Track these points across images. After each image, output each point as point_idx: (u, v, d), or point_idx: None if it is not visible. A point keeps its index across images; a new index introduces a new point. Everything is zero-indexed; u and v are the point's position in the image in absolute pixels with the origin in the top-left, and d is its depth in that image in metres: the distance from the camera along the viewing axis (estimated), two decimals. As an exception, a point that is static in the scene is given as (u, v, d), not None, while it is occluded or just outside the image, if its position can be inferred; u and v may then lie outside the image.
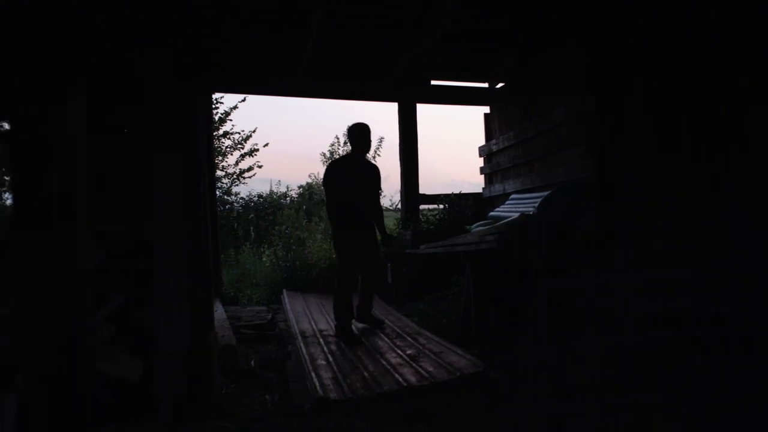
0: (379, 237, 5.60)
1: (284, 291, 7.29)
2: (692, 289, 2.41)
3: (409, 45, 6.74)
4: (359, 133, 5.26)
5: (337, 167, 5.35)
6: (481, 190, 8.41)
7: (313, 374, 3.80)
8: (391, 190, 10.00)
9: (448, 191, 8.32)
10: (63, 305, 2.45)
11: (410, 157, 8.20)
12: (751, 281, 2.66)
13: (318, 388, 3.50)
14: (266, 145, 15.42)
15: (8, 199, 14.57)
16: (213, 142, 10.54)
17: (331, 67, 7.65)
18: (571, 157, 5.94)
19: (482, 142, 8.45)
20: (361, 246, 5.26)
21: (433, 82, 8.36)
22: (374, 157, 10.79)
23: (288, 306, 6.40)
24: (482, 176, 8.53)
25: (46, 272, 2.43)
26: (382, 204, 5.67)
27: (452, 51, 7.23)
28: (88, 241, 3.25)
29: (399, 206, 8.73)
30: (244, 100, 13.56)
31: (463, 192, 8.31)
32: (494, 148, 7.99)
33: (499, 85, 8.35)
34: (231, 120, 13.76)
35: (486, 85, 8.56)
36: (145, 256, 3.26)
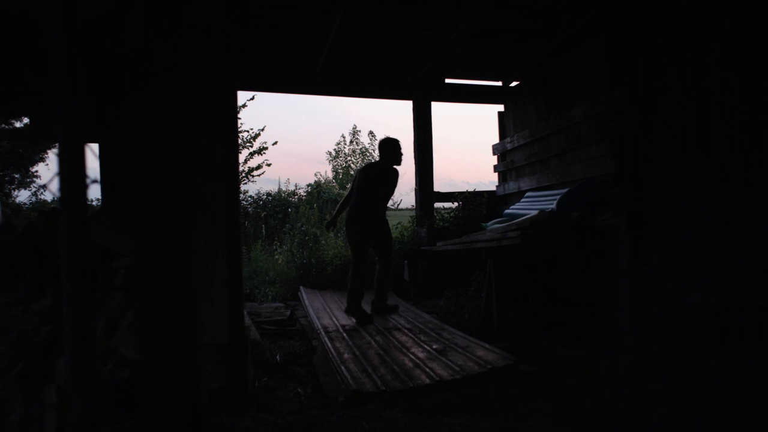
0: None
1: (301, 288, 7.32)
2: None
3: (433, 44, 6.80)
4: (384, 146, 6.06)
5: (361, 170, 6.19)
6: (489, 188, 8.50)
7: (342, 367, 3.83)
8: (406, 188, 10.00)
9: (447, 190, 8.42)
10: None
11: (425, 155, 8.23)
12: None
13: (350, 380, 3.53)
14: (275, 143, 15.45)
15: (18, 196, 14.45)
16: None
17: (346, 65, 7.69)
18: (590, 155, 5.97)
19: (483, 141, 8.63)
20: (369, 238, 5.86)
21: (447, 81, 8.39)
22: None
23: (307, 302, 6.44)
24: (496, 174, 8.58)
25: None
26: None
27: (471, 50, 7.28)
28: (121, 233, 3.30)
29: (413, 204, 8.74)
30: (252, 98, 13.59)
31: (477, 190, 8.35)
32: (509, 146, 8.03)
33: (513, 83, 8.39)
34: (240, 118, 13.80)
35: (500, 83, 8.60)
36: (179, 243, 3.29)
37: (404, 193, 11.67)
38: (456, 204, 8.23)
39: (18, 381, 2.99)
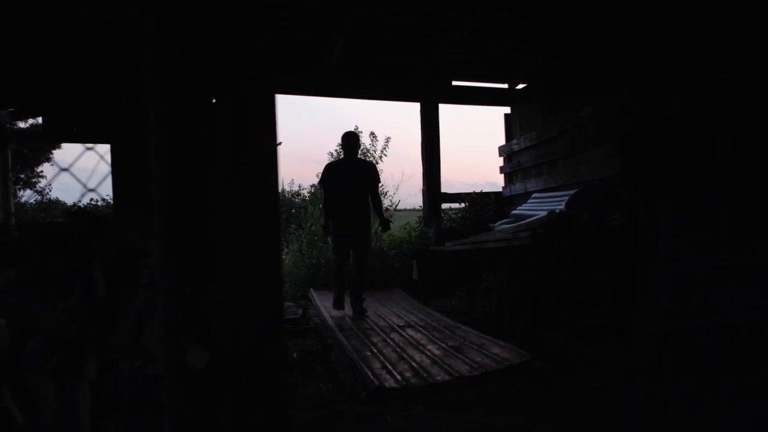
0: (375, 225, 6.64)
1: (312, 290, 7.37)
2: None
3: (436, 44, 6.88)
4: (344, 140, 6.37)
5: (331, 168, 6.32)
6: (486, 189, 8.64)
7: (362, 364, 3.92)
8: (414, 189, 10.11)
9: (444, 191, 8.53)
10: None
11: (432, 157, 8.32)
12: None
13: (371, 376, 3.62)
14: (280, 143, 15.55)
15: (23, 196, 14.53)
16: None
17: (351, 67, 7.77)
18: (598, 156, 6.06)
19: (477, 142, 8.75)
20: (353, 235, 6.08)
21: (454, 83, 8.50)
22: (380, 157, 10.83)
23: (318, 302, 6.52)
24: (493, 175, 8.76)
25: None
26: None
27: (477, 51, 7.38)
28: (150, 232, 3.37)
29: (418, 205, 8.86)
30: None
31: (484, 191, 8.46)
32: (515, 148, 8.13)
33: (520, 86, 8.50)
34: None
35: (506, 86, 8.71)
36: (207, 248, 3.37)
37: (412, 194, 11.71)
38: (463, 204, 8.33)
39: (51, 377, 3.07)
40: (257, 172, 3.66)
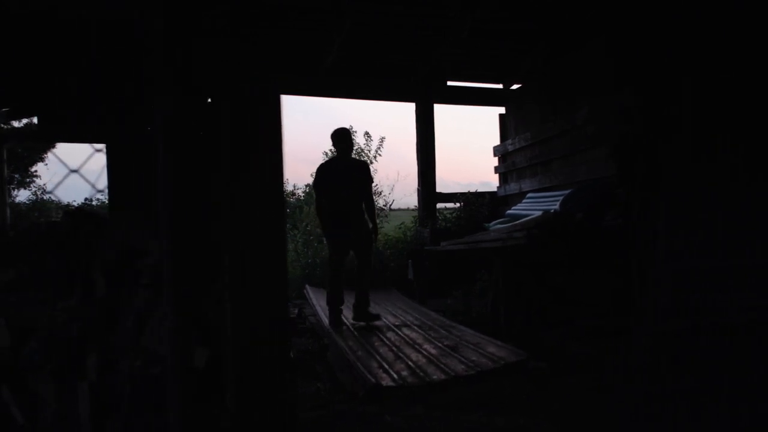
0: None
1: (307, 286, 7.40)
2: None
3: (436, 44, 6.89)
4: (338, 138, 5.74)
5: (324, 169, 5.78)
6: (480, 188, 8.68)
7: (359, 364, 3.92)
8: (409, 189, 10.10)
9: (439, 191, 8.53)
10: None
11: (427, 156, 8.33)
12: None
13: (369, 376, 3.62)
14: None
15: (17, 196, 14.42)
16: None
17: (350, 67, 7.77)
18: (597, 156, 6.07)
19: (469, 141, 8.76)
20: (348, 234, 5.61)
21: (450, 83, 8.52)
22: (375, 157, 10.80)
23: (314, 300, 6.52)
24: (487, 174, 8.78)
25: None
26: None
27: (477, 51, 7.40)
28: (149, 232, 3.37)
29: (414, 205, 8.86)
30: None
31: (478, 191, 8.48)
32: (510, 148, 8.15)
33: (515, 86, 8.53)
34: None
35: (500, 86, 8.73)
36: (207, 248, 3.36)
37: (407, 194, 11.76)
38: (458, 204, 8.35)
39: (50, 377, 3.07)
40: (257, 173, 3.65)
